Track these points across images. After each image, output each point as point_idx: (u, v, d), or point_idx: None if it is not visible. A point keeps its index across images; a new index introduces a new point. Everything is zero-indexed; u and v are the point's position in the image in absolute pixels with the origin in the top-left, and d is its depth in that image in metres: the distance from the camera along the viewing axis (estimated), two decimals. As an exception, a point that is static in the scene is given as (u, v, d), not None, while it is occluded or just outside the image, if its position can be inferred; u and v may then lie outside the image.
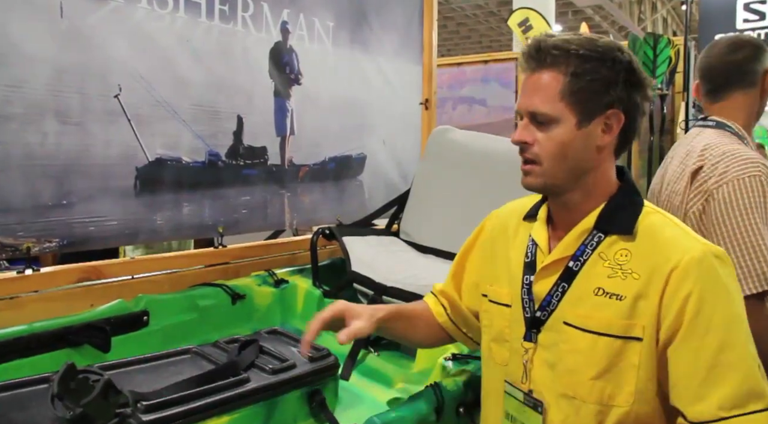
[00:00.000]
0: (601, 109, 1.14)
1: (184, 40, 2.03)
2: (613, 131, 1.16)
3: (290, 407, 1.48)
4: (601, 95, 1.13)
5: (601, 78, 1.13)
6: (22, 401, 1.16)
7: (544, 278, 1.21)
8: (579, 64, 1.12)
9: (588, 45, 1.13)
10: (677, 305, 1.07)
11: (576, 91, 1.12)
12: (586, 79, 1.12)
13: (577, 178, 1.18)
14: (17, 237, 1.66)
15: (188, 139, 2.06)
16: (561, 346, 1.17)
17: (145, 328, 1.76)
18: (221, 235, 2.17)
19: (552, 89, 1.13)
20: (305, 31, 2.47)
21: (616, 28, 15.90)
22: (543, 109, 1.14)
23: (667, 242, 1.12)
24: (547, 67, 1.14)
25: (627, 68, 1.14)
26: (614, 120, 1.15)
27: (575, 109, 1.13)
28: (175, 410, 1.24)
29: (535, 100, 1.15)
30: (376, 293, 1.97)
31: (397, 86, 2.95)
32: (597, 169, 1.18)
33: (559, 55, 1.13)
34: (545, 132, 1.15)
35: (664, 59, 4.33)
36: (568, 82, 1.12)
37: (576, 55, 1.12)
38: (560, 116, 1.13)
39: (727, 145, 1.68)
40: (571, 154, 1.15)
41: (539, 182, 1.18)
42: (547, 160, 1.16)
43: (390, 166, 2.92)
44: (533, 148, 1.16)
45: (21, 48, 1.64)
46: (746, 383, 1.03)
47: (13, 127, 1.63)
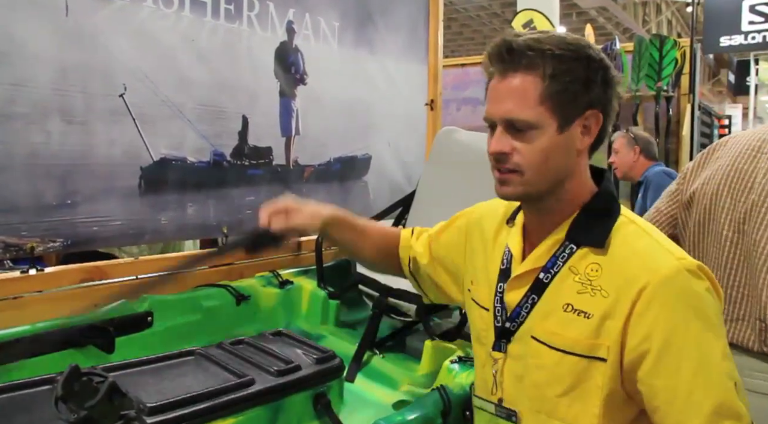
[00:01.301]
0: (580, 111, 1.07)
1: (190, 40, 2.02)
2: (592, 132, 1.09)
3: (295, 409, 1.47)
4: (580, 96, 1.06)
5: (579, 78, 1.05)
6: (25, 403, 1.15)
7: (515, 288, 1.16)
8: (556, 65, 1.04)
9: (562, 44, 1.05)
10: (644, 329, 1.01)
11: (555, 94, 1.04)
12: (564, 80, 1.04)
13: (556, 185, 1.10)
14: (21, 237, 1.65)
15: (193, 139, 2.04)
16: (528, 360, 1.13)
17: (149, 329, 1.76)
18: (226, 235, 2.16)
19: (529, 93, 1.05)
20: (311, 30, 2.46)
21: (621, 30, 15.87)
22: (522, 116, 1.05)
23: (638, 257, 1.05)
24: (522, 70, 1.05)
25: (602, 66, 1.07)
26: (593, 121, 1.09)
27: (555, 113, 1.05)
28: (180, 413, 1.23)
29: (511, 106, 1.06)
30: (381, 295, 1.96)
31: (402, 87, 2.93)
32: (574, 174, 1.11)
33: (535, 55, 1.04)
34: (525, 140, 1.06)
35: (670, 61, 4.31)
36: (547, 85, 1.04)
37: (552, 55, 1.04)
38: (540, 122, 1.05)
39: None
40: (553, 161, 1.08)
41: (518, 191, 1.10)
42: (530, 169, 1.07)
43: (395, 167, 2.90)
44: (513, 158, 1.07)
45: (25, 47, 1.63)
46: (723, 405, 0.99)
47: (17, 126, 1.62)
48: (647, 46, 4.39)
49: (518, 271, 1.15)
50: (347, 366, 1.72)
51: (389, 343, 2.03)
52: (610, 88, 1.09)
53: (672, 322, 1.00)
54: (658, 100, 4.40)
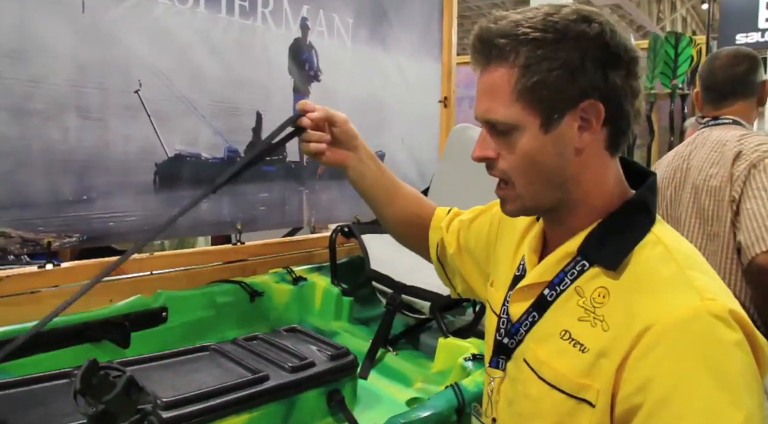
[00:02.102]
0: (571, 103, 0.87)
1: (204, 36, 2.03)
2: (592, 127, 0.89)
3: (309, 405, 1.47)
4: (566, 85, 0.86)
5: (563, 63, 0.85)
6: (41, 396, 1.16)
7: (519, 301, 1.00)
8: (530, 52, 0.86)
9: (542, 24, 0.87)
10: (640, 379, 0.80)
11: (532, 87, 0.87)
12: (542, 69, 0.86)
13: (557, 194, 0.93)
14: (38, 232, 1.66)
15: (207, 135, 2.05)
16: (518, 386, 0.98)
17: (163, 324, 1.76)
18: (239, 231, 2.16)
19: (503, 89, 0.89)
20: (325, 27, 2.45)
21: (634, 28, 15.76)
22: (497, 116, 0.90)
23: (652, 288, 0.84)
24: (494, 62, 0.89)
25: (597, 43, 0.86)
26: (591, 113, 0.88)
27: (535, 110, 0.88)
28: (195, 408, 1.23)
29: (487, 105, 0.91)
30: (395, 292, 1.96)
31: (415, 84, 2.93)
32: (581, 177, 0.92)
33: (506, 43, 0.87)
34: (507, 143, 0.91)
35: (685, 58, 4.28)
36: (521, 77, 0.87)
37: (526, 40, 0.86)
38: (519, 122, 0.89)
39: (757, 135, 1.89)
40: (543, 166, 0.90)
41: (518, 207, 0.95)
42: (518, 178, 0.92)
43: (408, 165, 2.90)
44: (499, 164, 0.93)
45: (42, 43, 1.64)
46: None
47: (35, 122, 1.63)
48: (662, 44, 4.35)
49: (524, 282, 1.00)
50: (361, 363, 1.72)
51: (402, 340, 2.03)
52: (614, 70, 0.87)
53: (676, 374, 0.78)
54: (673, 98, 4.37)
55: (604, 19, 0.88)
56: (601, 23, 0.87)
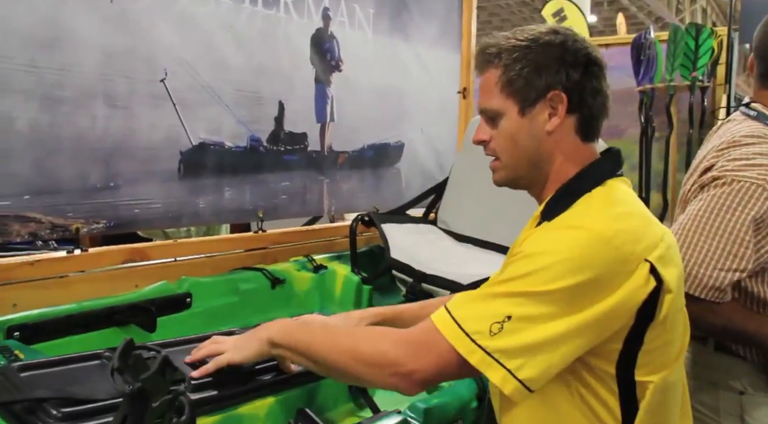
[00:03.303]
0: (540, 94, 1.16)
1: (228, 26, 2.05)
2: (558, 113, 1.16)
3: (331, 390, 1.49)
4: (535, 79, 1.15)
5: (533, 63, 1.15)
6: (76, 375, 1.19)
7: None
8: (509, 55, 1.16)
9: (518, 36, 1.18)
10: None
11: (510, 81, 1.16)
12: (517, 67, 1.15)
13: (536, 168, 1.20)
14: (67, 218, 1.69)
15: (231, 124, 2.07)
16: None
17: (188, 310, 1.79)
18: (261, 220, 2.19)
19: (492, 84, 1.18)
20: (346, 17, 2.47)
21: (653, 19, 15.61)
22: (487, 105, 1.20)
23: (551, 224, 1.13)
24: (487, 66, 1.20)
25: (560, 49, 1.15)
26: (557, 101, 1.16)
27: (514, 98, 1.17)
28: (221, 391, 1.26)
29: (483, 98, 1.21)
30: (415, 281, 1.97)
31: (435, 74, 2.93)
32: (554, 155, 1.18)
33: (494, 51, 1.18)
34: (496, 127, 1.20)
35: (706, 50, 4.23)
36: (502, 74, 1.17)
37: (506, 48, 1.17)
38: (503, 108, 1.18)
39: (750, 146, 1.51)
40: (522, 143, 1.18)
41: (503, 176, 1.23)
42: (503, 153, 1.20)
43: (427, 155, 2.91)
44: (490, 145, 1.21)
45: (72, 32, 1.67)
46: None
47: (65, 110, 1.66)
48: (683, 35, 4.31)
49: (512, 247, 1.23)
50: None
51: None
52: (574, 70, 1.15)
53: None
54: (693, 90, 4.33)
55: (570, 32, 1.18)
56: (565, 35, 1.17)
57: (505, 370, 1.01)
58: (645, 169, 4.06)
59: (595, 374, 1.09)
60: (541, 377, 1.02)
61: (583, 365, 1.08)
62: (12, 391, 1.08)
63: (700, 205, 1.49)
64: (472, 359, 1.02)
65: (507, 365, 1.01)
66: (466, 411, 1.43)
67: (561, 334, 1.01)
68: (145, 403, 0.91)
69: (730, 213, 1.45)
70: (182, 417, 0.99)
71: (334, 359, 1.15)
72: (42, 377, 1.16)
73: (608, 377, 1.09)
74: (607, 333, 1.05)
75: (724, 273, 1.44)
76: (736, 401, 1.57)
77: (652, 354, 1.09)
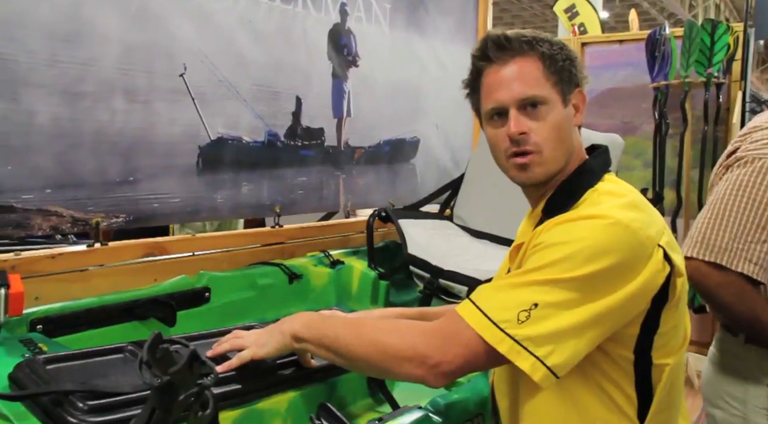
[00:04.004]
0: (572, 89, 1.18)
1: (246, 21, 2.05)
2: (580, 111, 1.19)
3: (351, 385, 1.49)
4: (571, 75, 1.17)
5: (570, 58, 1.17)
6: (100, 369, 1.20)
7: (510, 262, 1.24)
8: (549, 47, 1.15)
9: (538, 32, 1.18)
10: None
11: (555, 72, 1.15)
12: (560, 58, 1.15)
13: (566, 163, 1.17)
14: (88, 212, 1.70)
15: (248, 119, 2.08)
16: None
17: (206, 304, 1.80)
18: (278, 215, 2.19)
19: (535, 73, 1.14)
20: (363, 12, 2.46)
21: (665, 15, 15.50)
22: (535, 92, 1.13)
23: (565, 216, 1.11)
24: (523, 54, 1.14)
25: (574, 52, 1.19)
26: (579, 99, 1.20)
27: (557, 90, 1.15)
28: (244, 385, 1.26)
29: (523, 86, 1.13)
30: (433, 276, 1.97)
31: (450, 70, 2.92)
32: (574, 151, 1.19)
33: (530, 40, 1.14)
34: (538, 118, 1.13)
35: (721, 47, 4.19)
36: (548, 64, 1.14)
37: (542, 39, 1.16)
38: (549, 98, 1.14)
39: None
40: (565, 136, 1.16)
41: (542, 172, 1.15)
42: (548, 144, 1.13)
43: (442, 151, 2.91)
44: (531, 138, 1.13)
45: (94, 27, 1.67)
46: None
47: (86, 104, 1.67)
48: (698, 31, 4.28)
49: (514, 244, 1.23)
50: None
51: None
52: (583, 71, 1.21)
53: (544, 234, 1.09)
54: (708, 87, 4.30)
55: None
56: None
57: (534, 357, 1.01)
58: (659, 166, 4.03)
59: (613, 359, 1.10)
60: (568, 363, 1.03)
61: (600, 351, 1.09)
62: (38, 383, 1.09)
63: (726, 185, 1.56)
64: (501, 347, 1.02)
65: (536, 353, 1.01)
66: (486, 406, 1.43)
67: (588, 319, 1.02)
68: (172, 396, 0.91)
69: (756, 189, 1.52)
70: (207, 411, 0.99)
71: (360, 352, 1.14)
72: (67, 369, 1.17)
73: (625, 361, 1.10)
74: (629, 317, 1.07)
75: (759, 245, 1.51)
76: (765, 395, 1.57)
77: (666, 336, 1.11)
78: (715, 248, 1.52)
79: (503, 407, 1.27)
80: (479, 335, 1.03)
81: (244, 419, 1.22)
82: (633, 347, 1.10)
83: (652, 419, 1.13)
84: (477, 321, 1.04)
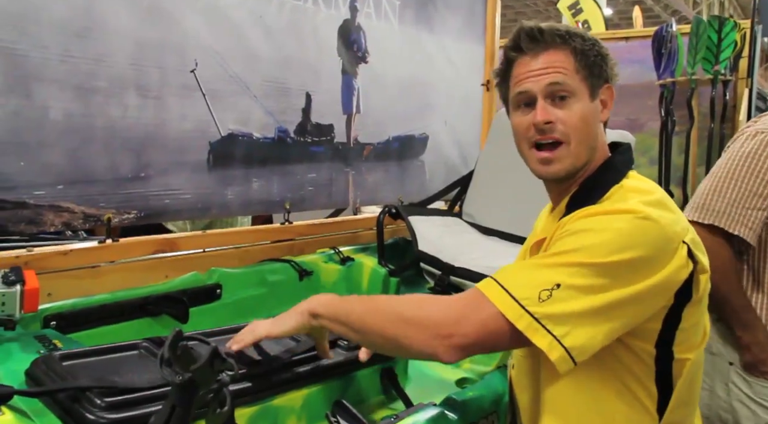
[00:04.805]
0: (600, 85, 1.19)
1: (257, 17, 2.04)
2: (608, 107, 1.21)
3: (364, 382, 1.49)
4: (601, 70, 1.18)
5: (601, 54, 1.18)
6: (116, 365, 1.19)
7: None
8: (581, 42, 1.16)
9: (570, 27, 1.20)
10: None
11: (586, 66, 1.16)
12: (591, 54, 1.16)
13: (589, 158, 1.18)
14: (99, 208, 1.69)
15: (259, 115, 2.07)
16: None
17: (218, 300, 1.80)
18: (288, 211, 2.18)
19: (566, 64, 1.15)
20: (372, 8, 2.45)
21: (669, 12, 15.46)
22: (565, 80, 1.14)
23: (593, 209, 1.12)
24: (555, 47, 1.16)
25: (606, 49, 1.20)
26: (608, 95, 1.21)
27: (586, 84, 1.16)
28: (261, 382, 1.26)
29: (553, 76, 1.15)
30: (444, 273, 1.97)
31: (459, 67, 2.92)
32: (598, 147, 1.20)
33: (563, 34, 1.16)
34: (565, 107, 1.15)
35: (729, 43, 4.18)
36: (579, 58, 1.16)
37: (575, 34, 1.17)
38: (578, 90, 1.15)
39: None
40: (591, 128, 1.17)
41: (563, 168, 1.17)
42: (575, 136, 1.15)
43: (451, 148, 2.90)
44: (558, 127, 1.15)
45: (106, 23, 1.67)
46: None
47: (98, 100, 1.66)
48: (705, 28, 4.26)
49: (535, 238, 1.24)
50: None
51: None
52: (615, 69, 1.22)
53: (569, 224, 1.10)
54: (715, 84, 4.29)
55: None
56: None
57: (552, 336, 1.00)
58: (665, 164, 4.02)
59: (635, 353, 1.11)
60: (585, 347, 1.02)
61: (622, 345, 1.09)
62: (55, 379, 1.08)
63: (729, 155, 1.69)
64: (519, 324, 1.01)
65: (553, 332, 1.01)
66: (500, 404, 1.43)
67: (608, 306, 1.02)
68: (193, 393, 0.91)
69: (758, 159, 1.63)
70: (224, 408, 0.99)
71: (374, 323, 1.13)
72: (83, 366, 1.17)
73: (647, 355, 1.11)
74: (650, 311, 1.07)
75: (755, 212, 1.62)
76: (727, 370, 1.70)
77: (687, 332, 1.12)
78: (714, 212, 1.63)
79: (523, 401, 1.27)
80: (498, 310, 1.02)
81: (260, 416, 1.22)
82: (655, 342, 1.10)
83: (671, 414, 1.13)
84: (497, 296, 1.04)
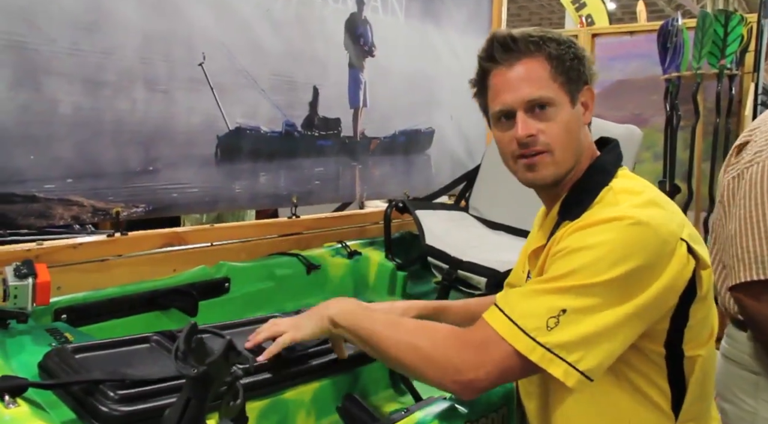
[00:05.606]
0: (580, 88, 1.16)
1: (265, 10, 2.04)
2: (590, 108, 1.19)
3: (374, 376, 1.49)
4: (579, 73, 1.16)
5: (578, 57, 1.15)
6: (127, 358, 1.20)
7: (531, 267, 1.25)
8: (556, 47, 1.13)
9: (548, 32, 1.16)
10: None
11: (563, 72, 1.13)
12: (567, 58, 1.14)
13: (576, 162, 1.16)
14: (108, 201, 1.69)
15: (266, 109, 2.07)
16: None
17: (226, 294, 1.80)
18: (295, 205, 2.18)
19: (543, 73, 1.12)
20: (379, 2, 2.45)
21: (673, 7, 15.38)
22: (542, 93, 1.12)
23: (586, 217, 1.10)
24: (529, 55, 1.13)
25: (582, 49, 1.18)
26: (588, 97, 1.18)
27: (565, 90, 1.14)
28: (269, 375, 1.26)
29: (530, 88, 1.12)
30: (451, 267, 1.97)
31: (465, 61, 2.91)
32: (585, 150, 1.18)
33: (537, 40, 1.13)
34: (546, 119, 1.12)
35: (735, 38, 4.16)
36: (555, 64, 1.13)
37: (548, 39, 1.14)
38: (557, 99, 1.13)
39: None
40: (574, 136, 1.15)
41: (552, 173, 1.14)
42: (558, 145, 1.13)
43: (456, 142, 2.90)
44: (540, 139, 1.12)
45: (114, 15, 1.66)
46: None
47: (107, 93, 1.66)
48: (711, 22, 4.24)
49: (531, 247, 1.24)
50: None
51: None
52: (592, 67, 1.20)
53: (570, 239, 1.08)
54: (721, 78, 4.27)
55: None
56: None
57: (566, 364, 1.00)
58: (670, 159, 4.01)
59: (645, 355, 1.10)
60: (601, 366, 1.03)
61: (631, 348, 1.08)
62: (68, 372, 1.09)
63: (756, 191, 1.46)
64: (533, 356, 1.01)
65: (567, 359, 1.00)
66: (511, 398, 1.43)
67: (617, 322, 1.02)
68: (208, 386, 0.91)
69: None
70: (237, 400, 0.99)
71: (394, 353, 1.14)
72: (95, 359, 1.17)
73: (657, 356, 1.10)
74: (659, 314, 1.07)
75: None
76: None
77: (696, 329, 1.11)
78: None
79: (531, 409, 1.26)
80: (511, 346, 1.03)
81: (270, 409, 1.22)
82: (664, 342, 1.10)
83: (687, 411, 1.13)
84: (507, 331, 1.04)
